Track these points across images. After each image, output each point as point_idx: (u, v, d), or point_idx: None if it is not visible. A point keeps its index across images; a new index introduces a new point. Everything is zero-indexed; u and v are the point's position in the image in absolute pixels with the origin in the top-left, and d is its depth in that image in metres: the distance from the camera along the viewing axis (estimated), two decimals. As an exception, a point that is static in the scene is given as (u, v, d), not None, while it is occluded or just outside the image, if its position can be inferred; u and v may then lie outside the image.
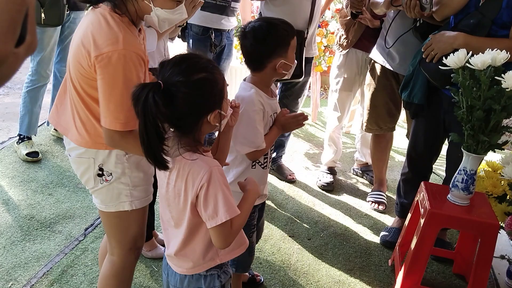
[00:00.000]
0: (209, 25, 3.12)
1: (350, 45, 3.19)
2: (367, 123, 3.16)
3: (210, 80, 1.30)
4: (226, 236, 1.32)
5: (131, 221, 1.74)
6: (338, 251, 2.72)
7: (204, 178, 1.28)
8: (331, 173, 3.50)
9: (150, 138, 1.26)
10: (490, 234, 2.13)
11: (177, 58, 1.33)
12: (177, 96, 1.25)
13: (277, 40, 1.74)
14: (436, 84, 2.44)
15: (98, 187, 1.68)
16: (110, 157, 1.63)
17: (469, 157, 2.11)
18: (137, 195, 1.70)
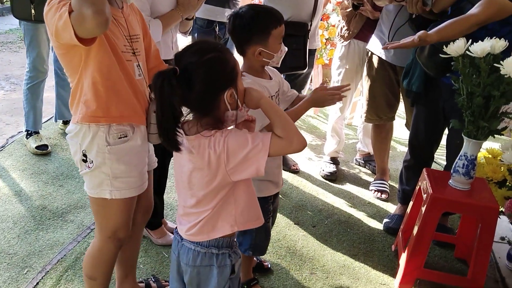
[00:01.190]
0: (213, 18, 3.20)
1: (351, 36, 3.25)
2: (367, 113, 3.22)
3: (221, 58, 1.39)
4: (287, 142, 1.36)
5: (112, 210, 1.79)
6: (342, 237, 2.79)
7: (225, 145, 1.36)
8: (334, 163, 3.56)
9: (167, 123, 1.35)
10: (490, 218, 2.20)
11: (188, 45, 1.42)
12: (192, 76, 1.34)
13: (255, 28, 1.78)
14: (431, 73, 2.51)
15: (84, 171, 1.74)
16: (92, 145, 1.69)
17: (470, 142, 2.17)
18: (118, 186, 1.74)
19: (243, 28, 1.80)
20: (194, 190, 1.48)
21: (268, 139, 1.35)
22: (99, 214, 1.82)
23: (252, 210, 1.54)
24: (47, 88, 3.67)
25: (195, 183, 1.47)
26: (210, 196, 1.46)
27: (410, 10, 2.53)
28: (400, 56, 2.89)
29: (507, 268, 2.55)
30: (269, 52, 1.81)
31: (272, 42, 1.81)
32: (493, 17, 2.17)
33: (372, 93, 3.15)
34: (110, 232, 1.82)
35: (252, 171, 1.38)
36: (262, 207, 1.96)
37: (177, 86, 1.32)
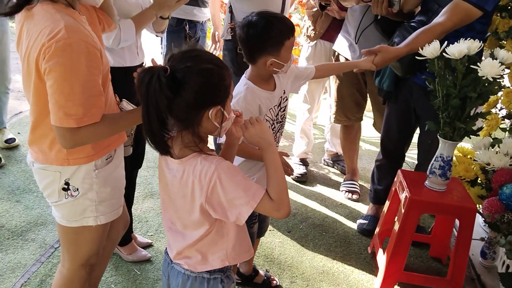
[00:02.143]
0: (182, 17, 3.13)
1: (317, 36, 3.21)
2: (336, 114, 3.20)
3: (218, 72, 1.28)
4: (275, 206, 1.28)
5: (90, 237, 1.66)
6: (318, 241, 2.74)
7: (214, 178, 1.25)
8: (304, 165, 3.53)
9: (152, 121, 1.23)
10: (468, 217, 2.21)
11: (187, 49, 1.30)
12: (183, 82, 1.22)
13: (269, 39, 1.72)
14: (397, 73, 2.51)
15: (62, 202, 1.58)
16: (79, 173, 1.55)
17: (446, 144, 2.17)
18: (103, 210, 1.63)
19: (257, 38, 1.73)
20: (179, 214, 1.38)
21: (260, 195, 1.26)
22: (71, 244, 1.67)
23: (244, 243, 1.45)
24: None
25: (180, 208, 1.37)
26: (195, 224, 1.36)
27: (375, 12, 2.50)
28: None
29: (481, 265, 2.58)
30: (280, 62, 1.76)
31: (284, 52, 1.76)
32: (459, 24, 2.18)
33: (340, 94, 3.13)
34: (84, 259, 1.69)
35: (231, 218, 1.28)
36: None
37: (166, 86, 1.19)
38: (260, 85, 1.82)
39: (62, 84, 1.35)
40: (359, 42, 2.83)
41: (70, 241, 1.67)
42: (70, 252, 1.69)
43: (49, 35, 1.34)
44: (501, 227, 2.03)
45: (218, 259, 1.40)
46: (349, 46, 2.93)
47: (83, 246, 1.67)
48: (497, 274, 2.41)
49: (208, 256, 1.39)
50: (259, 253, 2.57)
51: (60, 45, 1.33)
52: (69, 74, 1.35)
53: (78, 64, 1.36)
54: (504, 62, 1.97)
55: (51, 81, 1.36)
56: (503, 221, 2.02)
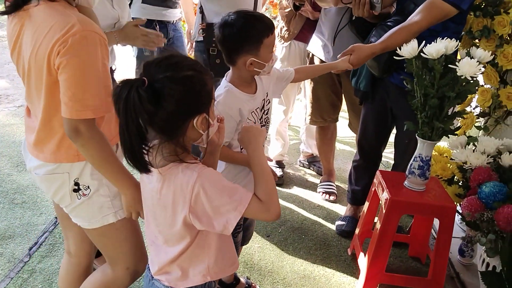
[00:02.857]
0: (152, 17, 3.06)
1: (291, 37, 3.18)
2: (312, 116, 3.18)
3: (199, 78, 1.22)
4: (265, 207, 1.22)
5: (119, 238, 1.60)
6: (298, 245, 2.71)
7: (196, 186, 1.19)
8: (280, 167, 3.49)
9: (132, 138, 1.17)
10: (448, 216, 2.21)
11: (164, 56, 1.24)
12: (163, 92, 1.15)
13: (246, 38, 1.66)
14: (374, 73, 2.49)
15: (76, 204, 1.53)
16: (86, 169, 1.50)
17: (424, 144, 2.16)
18: (119, 205, 1.56)
19: (233, 37, 1.67)
20: (160, 228, 1.32)
21: (248, 199, 1.20)
22: (107, 245, 1.61)
23: (227, 256, 1.40)
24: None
25: (161, 221, 1.30)
26: (176, 237, 1.30)
27: (356, 13, 2.47)
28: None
29: (460, 263, 2.59)
30: (260, 62, 1.70)
31: (263, 51, 1.70)
32: (434, 22, 2.19)
33: (316, 95, 3.10)
34: (126, 262, 1.62)
35: (218, 228, 1.22)
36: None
37: (146, 99, 1.13)
38: (241, 87, 1.77)
39: (80, 76, 1.33)
40: (335, 43, 2.81)
41: (103, 244, 1.62)
42: (109, 254, 1.64)
43: (62, 30, 1.31)
44: (481, 225, 2.03)
45: (199, 274, 1.34)
46: (323, 47, 2.91)
47: (118, 247, 1.61)
48: (475, 271, 2.43)
49: (189, 271, 1.34)
50: (238, 259, 2.51)
51: (76, 38, 1.31)
52: (86, 66, 1.33)
53: (95, 56, 1.34)
54: (481, 61, 1.97)
55: (67, 75, 1.33)
56: (482, 220, 2.02)
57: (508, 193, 2.06)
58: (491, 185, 2.09)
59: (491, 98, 2.46)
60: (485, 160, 2.24)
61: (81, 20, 1.35)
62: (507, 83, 2.41)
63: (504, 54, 2.31)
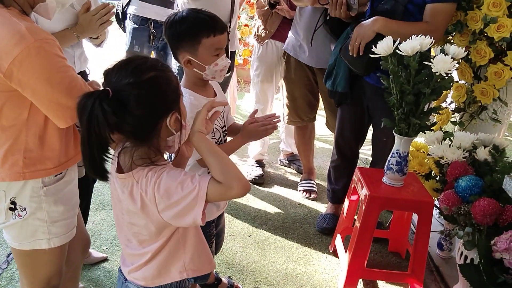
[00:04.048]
0: (147, 16, 3.11)
1: (268, 36, 3.19)
2: (289, 116, 3.19)
3: (163, 77, 1.21)
4: (226, 186, 1.17)
5: (47, 260, 1.56)
6: (279, 244, 2.72)
7: (155, 187, 1.18)
8: (260, 166, 3.50)
9: (92, 149, 1.15)
10: (426, 211, 2.24)
11: (122, 62, 1.21)
12: (129, 100, 1.14)
13: (183, 34, 1.62)
14: (357, 72, 2.51)
15: (10, 223, 1.47)
16: (25, 190, 1.44)
17: (401, 140, 2.19)
18: (56, 232, 1.52)
19: (173, 32, 1.64)
20: (134, 230, 1.30)
21: (205, 185, 1.16)
22: (29, 267, 1.56)
23: (204, 254, 1.39)
24: None
25: (134, 224, 1.29)
26: (152, 238, 1.29)
27: (333, 14, 2.48)
28: (316, 58, 2.87)
29: (439, 257, 2.63)
30: (198, 62, 1.64)
31: (202, 51, 1.63)
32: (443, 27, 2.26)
33: (292, 95, 3.11)
34: (44, 282, 1.58)
35: (188, 221, 1.19)
36: (204, 231, 1.82)
37: (111, 112, 1.11)
38: (197, 91, 1.71)
39: (46, 84, 1.30)
40: (308, 42, 2.83)
41: (25, 264, 1.56)
42: (28, 276, 1.58)
43: (12, 40, 1.26)
44: (458, 219, 2.07)
45: (175, 271, 1.34)
46: (299, 46, 2.92)
47: (39, 270, 1.56)
48: (454, 264, 2.47)
49: (165, 268, 1.33)
50: (220, 259, 2.51)
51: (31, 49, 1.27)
52: (48, 73, 1.30)
53: (52, 63, 1.31)
54: (455, 57, 2.00)
55: (32, 88, 1.30)
56: (460, 213, 2.06)
57: (483, 187, 2.10)
58: (467, 179, 2.12)
59: (465, 94, 2.50)
60: (461, 155, 2.28)
61: (29, 28, 1.30)
62: (481, 79, 2.46)
63: (477, 50, 2.35)
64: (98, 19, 1.87)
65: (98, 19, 1.87)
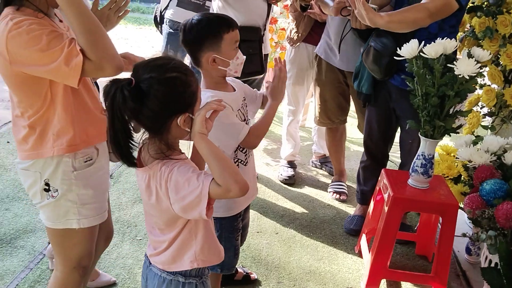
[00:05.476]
0: (182, 21, 3.16)
1: (300, 39, 3.25)
2: (319, 117, 3.24)
3: (183, 80, 1.30)
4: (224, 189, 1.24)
5: (77, 240, 1.69)
6: (305, 242, 2.77)
7: (168, 181, 1.28)
8: (292, 167, 3.55)
9: (118, 133, 1.26)
10: (450, 214, 2.24)
11: (151, 59, 1.33)
12: (148, 92, 1.25)
13: (205, 33, 1.70)
14: (376, 76, 2.54)
15: (44, 203, 1.61)
16: (57, 173, 1.57)
17: (427, 142, 2.21)
18: (86, 213, 1.64)
19: (194, 35, 1.72)
20: (155, 219, 1.42)
21: (207, 185, 1.24)
22: (61, 246, 1.70)
23: (213, 246, 1.48)
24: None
25: (153, 213, 1.41)
26: (169, 227, 1.40)
27: (354, 26, 2.51)
28: (347, 61, 2.91)
29: (467, 262, 2.61)
30: (223, 58, 1.72)
31: (225, 47, 1.72)
32: (440, 10, 2.21)
33: (323, 97, 3.16)
34: (75, 262, 1.71)
35: (195, 215, 1.29)
36: (231, 225, 1.90)
37: (129, 98, 1.22)
38: (218, 88, 1.78)
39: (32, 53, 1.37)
40: (341, 48, 2.88)
41: (58, 243, 1.70)
42: (61, 254, 1.72)
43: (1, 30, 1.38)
44: (482, 222, 2.06)
45: (187, 260, 1.42)
46: (330, 50, 2.97)
47: (72, 249, 1.69)
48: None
49: (179, 256, 1.42)
50: (246, 254, 2.59)
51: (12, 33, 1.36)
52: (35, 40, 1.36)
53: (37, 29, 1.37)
54: (480, 60, 2.01)
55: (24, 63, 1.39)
56: (483, 217, 2.05)
57: (508, 190, 2.08)
58: (491, 182, 2.11)
59: (495, 98, 2.48)
60: (488, 159, 2.27)
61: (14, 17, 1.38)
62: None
63: (508, 54, 2.34)
64: (116, 11, 1.91)
65: (116, 11, 1.91)
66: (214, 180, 1.25)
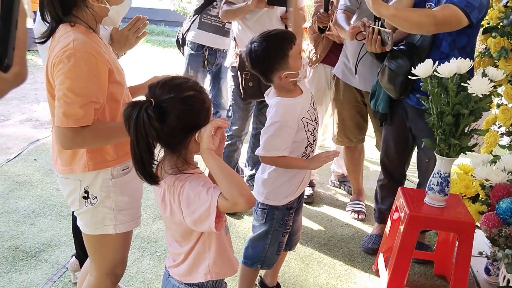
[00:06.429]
0: (203, 43, 3.36)
1: (319, 59, 3.32)
2: (337, 136, 3.28)
3: (199, 97, 1.37)
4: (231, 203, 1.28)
5: (112, 245, 1.77)
6: (323, 260, 2.78)
7: (180, 197, 1.33)
8: (310, 186, 3.58)
9: (142, 153, 1.32)
10: (467, 232, 2.24)
11: (166, 79, 1.39)
12: (168, 111, 1.31)
13: (273, 57, 1.82)
14: (391, 95, 2.58)
15: (83, 209, 1.70)
16: (96, 181, 1.66)
17: (442, 160, 2.22)
18: (122, 219, 1.73)
19: (261, 60, 1.85)
20: (172, 231, 1.48)
21: (215, 199, 1.28)
22: (97, 251, 1.78)
23: (226, 259, 1.52)
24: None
25: (170, 226, 1.47)
26: (185, 239, 1.45)
27: (369, 50, 2.57)
28: (364, 82, 2.97)
29: (486, 282, 2.59)
30: (293, 72, 1.85)
31: (292, 62, 1.85)
32: (447, 20, 2.24)
33: (341, 116, 3.21)
34: (109, 268, 1.79)
35: (205, 228, 1.33)
36: (282, 218, 2.01)
37: (154, 118, 1.28)
38: (288, 95, 1.92)
39: (65, 88, 1.48)
40: (357, 67, 2.94)
41: (94, 249, 1.78)
42: (96, 260, 1.80)
43: (60, 47, 1.49)
44: (499, 241, 2.06)
45: (202, 272, 1.47)
46: (348, 70, 3.03)
47: (107, 255, 1.77)
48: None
49: (194, 268, 1.47)
50: (263, 271, 2.61)
51: (66, 54, 1.48)
52: (71, 80, 1.48)
53: (80, 71, 1.48)
54: (493, 79, 2.04)
55: (57, 86, 1.50)
56: (500, 235, 2.05)
57: (525, 209, 2.08)
58: (508, 201, 2.11)
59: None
60: (505, 177, 2.27)
61: (77, 39, 1.50)
62: (529, 102, 2.44)
63: (523, 73, 2.35)
64: (134, 32, 2.01)
65: (134, 32, 2.01)
66: (221, 195, 1.29)
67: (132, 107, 1.30)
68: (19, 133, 3.75)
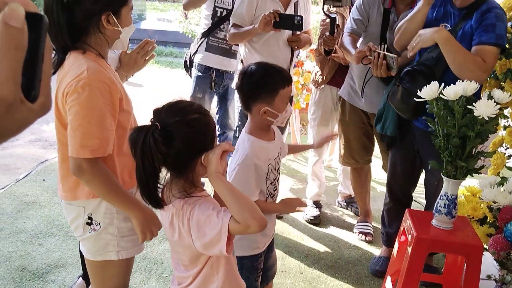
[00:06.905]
0: (210, 65, 3.39)
1: (325, 81, 3.34)
2: (344, 157, 3.28)
3: (204, 120, 1.39)
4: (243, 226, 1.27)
5: (115, 271, 1.77)
6: (330, 283, 2.77)
7: (190, 221, 1.33)
8: (317, 207, 3.58)
9: (148, 177, 1.33)
10: (475, 255, 2.22)
11: (172, 103, 1.41)
12: (174, 135, 1.32)
13: (263, 86, 1.78)
14: (404, 116, 2.59)
15: (86, 236, 1.70)
16: (100, 207, 1.67)
17: (449, 182, 2.22)
18: (124, 245, 1.73)
19: (251, 85, 1.80)
20: (179, 255, 1.49)
21: (227, 222, 1.28)
22: (99, 277, 1.78)
23: (234, 281, 1.52)
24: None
25: (177, 250, 1.47)
26: (192, 263, 1.45)
27: (374, 74, 2.59)
28: (370, 104, 2.98)
29: (495, 305, 2.55)
30: (274, 112, 1.80)
31: (278, 101, 1.80)
32: (493, 64, 2.28)
33: (347, 137, 3.22)
34: None
35: (215, 251, 1.33)
36: (251, 265, 1.93)
37: (161, 142, 1.29)
38: (261, 136, 1.86)
39: (81, 118, 1.50)
40: (363, 89, 2.96)
41: (97, 275, 1.79)
42: (98, 285, 1.80)
43: (73, 76, 1.50)
44: (507, 264, 2.04)
45: None
46: (353, 92, 3.05)
47: (109, 281, 1.77)
48: (511, 314, 2.39)
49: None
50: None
51: (80, 84, 1.49)
52: (86, 110, 1.50)
53: (96, 100, 1.50)
54: (499, 102, 2.04)
55: (71, 116, 1.51)
56: (509, 258, 2.04)
57: (533, 232, 2.07)
58: (516, 223, 2.10)
59: (519, 139, 2.48)
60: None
61: (90, 68, 1.51)
62: (536, 124, 2.44)
63: (529, 96, 2.35)
64: (143, 55, 2.03)
65: (143, 55, 2.03)
66: (232, 218, 1.29)
67: (138, 132, 1.31)
68: (28, 153, 3.79)
